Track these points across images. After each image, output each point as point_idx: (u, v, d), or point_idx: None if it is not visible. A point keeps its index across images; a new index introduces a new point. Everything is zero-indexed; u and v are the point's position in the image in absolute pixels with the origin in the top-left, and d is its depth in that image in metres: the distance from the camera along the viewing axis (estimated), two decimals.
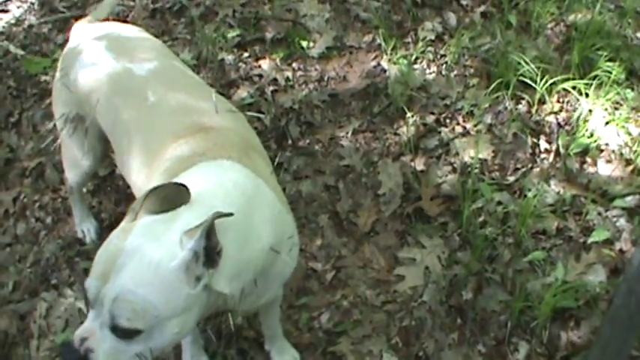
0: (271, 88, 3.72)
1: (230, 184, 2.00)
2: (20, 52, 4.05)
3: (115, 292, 1.70)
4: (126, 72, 2.49)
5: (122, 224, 1.84)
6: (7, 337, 3.09)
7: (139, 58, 2.54)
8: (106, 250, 1.79)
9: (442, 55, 3.76)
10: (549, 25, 3.88)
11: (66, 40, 3.30)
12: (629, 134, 3.40)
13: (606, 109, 3.47)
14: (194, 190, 1.89)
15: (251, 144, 2.34)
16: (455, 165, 3.36)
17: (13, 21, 4.19)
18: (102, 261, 1.77)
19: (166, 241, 1.77)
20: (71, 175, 3.02)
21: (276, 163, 3.40)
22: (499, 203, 3.21)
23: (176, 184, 1.88)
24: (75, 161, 2.90)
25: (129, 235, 1.77)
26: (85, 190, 3.34)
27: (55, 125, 2.89)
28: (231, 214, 1.77)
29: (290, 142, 3.51)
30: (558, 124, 3.47)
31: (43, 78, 3.92)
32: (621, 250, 3.05)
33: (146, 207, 1.83)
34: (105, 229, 3.32)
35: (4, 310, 3.16)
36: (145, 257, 1.74)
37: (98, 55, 2.58)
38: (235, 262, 1.84)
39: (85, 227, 3.32)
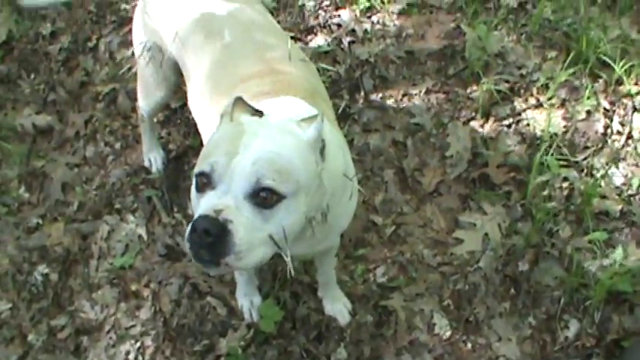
0: (349, 38, 3.70)
1: (298, 109, 2.05)
2: None
3: (254, 156, 1.68)
4: (207, 9, 2.51)
5: (223, 123, 1.87)
6: (69, 255, 3.17)
7: None
8: (224, 134, 1.80)
9: (523, 25, 3.70)
10: (635, 6, 3.79)
11: None
12: None
13: None
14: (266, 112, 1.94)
15: (318, 92, 2.37)
16: (525, 136, 3.33)
17: None
18: (222, 142, 1.75)
19: (284, 125, 1.82)
20: (144, 104, 3.06)
21: (346, 114, 3.42)
22: (565, 179, 3.19)
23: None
24: (148, 90, 2.94)
25: (243, 124, 1.80)
26: (155, 120, 3.38)
27: (132, 53, 2.92)
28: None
29: (362, 94, 3.51)
30: (634, 107, 3.41)
31: (123, 6, 3.95)
32: None
33: (239, 109, 1.87)
34: (172, 160, 3.37)
35: (68, 228, 3.24)
36: (274, 131, 1.77)
37: None
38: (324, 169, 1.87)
39: (152, 156, 3.36)
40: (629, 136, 3.33)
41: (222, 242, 1.64)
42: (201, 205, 1.71)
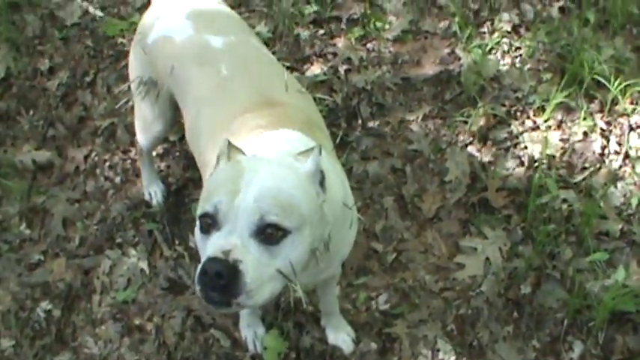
0: (345, 67, 3.72)
1: (295, 141, 2.08)
2: (99, 13, 4.10)
3: (256, 193, 1.69)
4: (202, 43, 2.53)
5: (222, 163, 1.87)
6: (71, 290, 3.17)
7: (216, 30, 2.57)
8: (224, 173, 1.81)
9: (517, 48, 3.73)
10: (627, 26, 3.82)
11: (144, 5, 3.35)
12: None
13: None
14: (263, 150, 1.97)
15: (315, 122, 2.38)
16: (523, 159, 3.35)
17: None
18: (224, 182, 1.76)
19: (282, 160, 1.84)
20: (142, 139, 3.07)
21: (344, 142, 3.43)
22: (564, 201, 3.20)
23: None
24: (146, 125, 2.95)
25: (241, 162, 1.81)
26: (154, 153, 3.39)
27: (128, 87, 2.94)
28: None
29: (360, 122, 3.52)
30: (630, 126, 3.43)
31: (120, 40, 3.97)
32: None
33: (235, 151, 1.88)
34: (172, 193, 3.38)
35: (70, 263, 3.24)
36: (273, 166, 1.79)
37: (177, 23, 2.62)
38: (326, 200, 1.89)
39: (152, 190, 3.37)
40: (627, 156, 3.35)
41: (234, 283, 1.65)
42: (209, 246, 1.72)
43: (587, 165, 3.33)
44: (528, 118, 3.49)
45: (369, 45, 3.83)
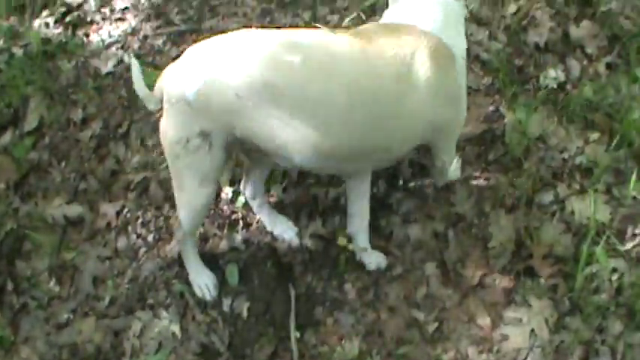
0: None
1: None
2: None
3: None
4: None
5: None
6: (100, 353, 3.08)
7: None
8: None
9: (563, 106, 3.60)
10: None
11: (180, 55, 3.27)
12: None
13: None
14: None
15: None
16: (570, 225, 3.21)
17: (129, 30, 4.19)
18: None
19: None
20: (187, 215, 2.89)
21: (385, 205, 3.32)
22: (614, 270, 3.05)
23: None
24: (192, 192, 2.78)
25: None
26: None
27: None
28: None
29: (401, 182, 3.40)
30: None
31: None
32: None
33: None
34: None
35: (99, 324, 3.15)
36: None
37: None
38: None
39: (201, 282, 3.13)
40: None
41: None
42: None
43: (637, 232, 3.19)
44: (575, 180, 3.35)
45: None
